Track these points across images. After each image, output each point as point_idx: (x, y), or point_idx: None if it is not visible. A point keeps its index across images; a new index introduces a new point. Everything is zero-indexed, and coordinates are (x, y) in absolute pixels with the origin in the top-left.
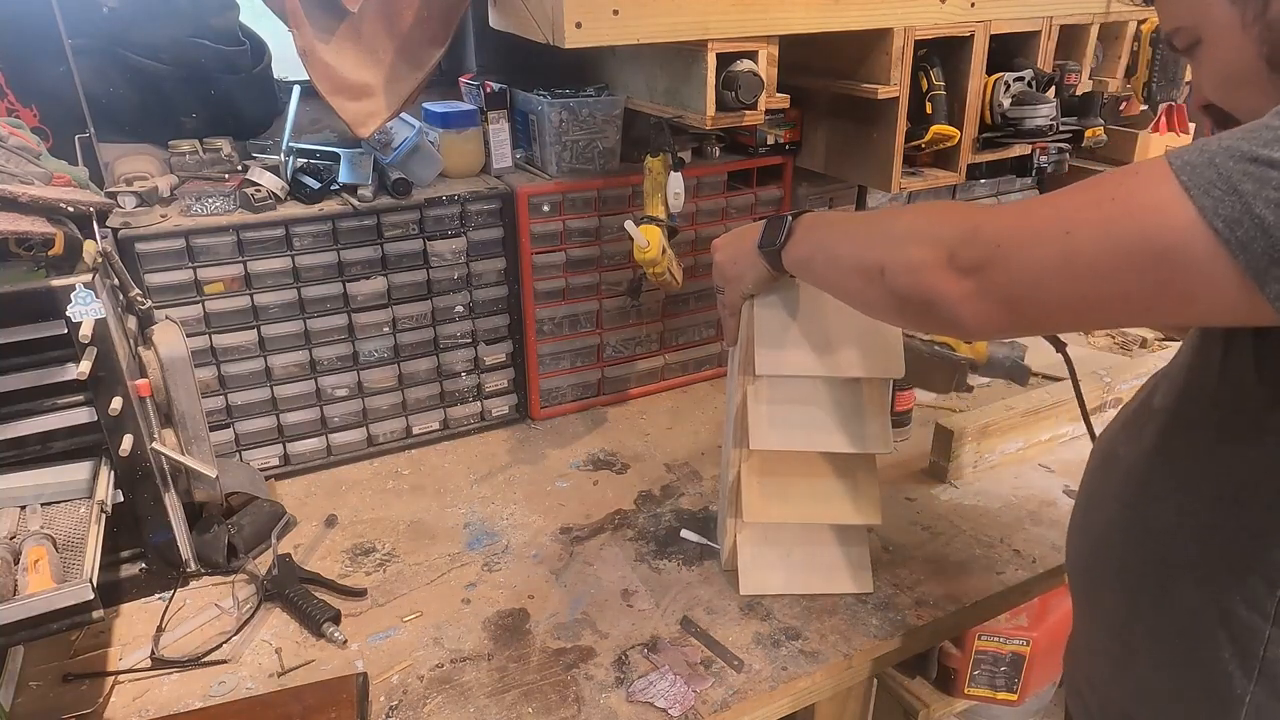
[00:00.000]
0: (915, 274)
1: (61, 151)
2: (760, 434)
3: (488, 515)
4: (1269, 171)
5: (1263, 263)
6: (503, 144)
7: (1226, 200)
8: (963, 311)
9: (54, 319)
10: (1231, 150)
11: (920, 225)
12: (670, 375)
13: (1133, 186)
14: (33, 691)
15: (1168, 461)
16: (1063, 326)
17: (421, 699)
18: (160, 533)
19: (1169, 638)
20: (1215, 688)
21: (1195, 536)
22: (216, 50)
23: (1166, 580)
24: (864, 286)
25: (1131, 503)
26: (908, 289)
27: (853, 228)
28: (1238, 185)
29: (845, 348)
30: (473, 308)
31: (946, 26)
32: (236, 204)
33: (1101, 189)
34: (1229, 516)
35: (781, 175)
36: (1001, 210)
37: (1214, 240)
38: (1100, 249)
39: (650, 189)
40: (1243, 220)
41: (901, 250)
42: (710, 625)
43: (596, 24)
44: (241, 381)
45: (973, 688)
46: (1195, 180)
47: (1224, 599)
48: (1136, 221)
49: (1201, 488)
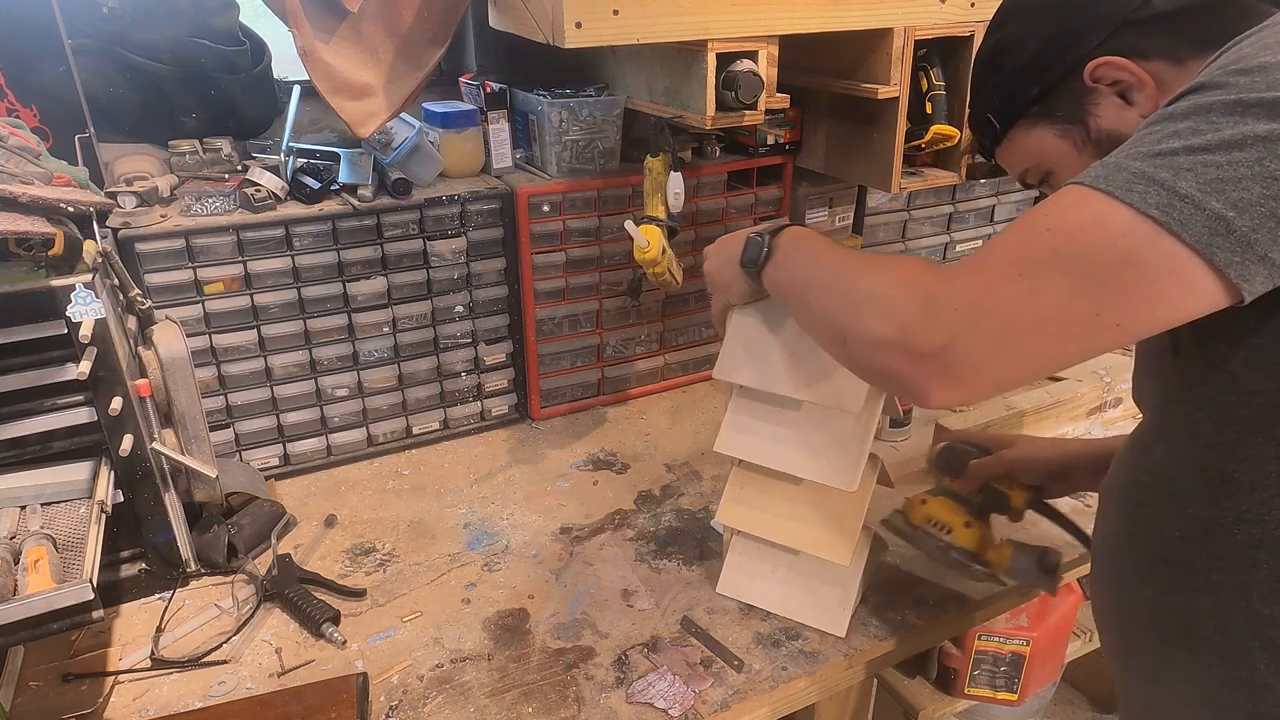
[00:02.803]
0: (874, 353)
1: (61, 151)
2: (725, 439)
3: (488, 515)
4: (1178, 159)
5: (1205, 234)
6: (503, 144)
7: (1152, 191)
8: (927, 390)
9: (54, 319)
10: (1133, 155)
11: (880, 291)
12: (670, 375)
13: (1061, 212)
14: (33, 691)
15: (1158, 475)
16: (1040, 371)
17: (421, 699)
18: (160, 533)
19: (1203, 669)
20: (1260, 707)
21: (1201, 543)
22: (216, 50)
23: (1189, 603)
24: (831, 347)
25: (1134, 532)
26: (869, 365)
27: (825, 273)
28: (1155, 176)
29: (809, 372)
30: (473, 308)
31: (946, 26)
32: (236, 204)
33: (1034, 225)
34: (1224, 510)
35: (781, 175)
36: (954, 270)
37: (1156, 229)
38: (1054, 279)
39: (650, 189)
40: (1173, 203)
41: (861, 321)
42: (710, 625)
43: (596, 24)
44: (241, 381)
45: (973, 688)
46: (1115, 185)
47: (1245, 601)
48: (1081, 238)
49: (1190, 486)
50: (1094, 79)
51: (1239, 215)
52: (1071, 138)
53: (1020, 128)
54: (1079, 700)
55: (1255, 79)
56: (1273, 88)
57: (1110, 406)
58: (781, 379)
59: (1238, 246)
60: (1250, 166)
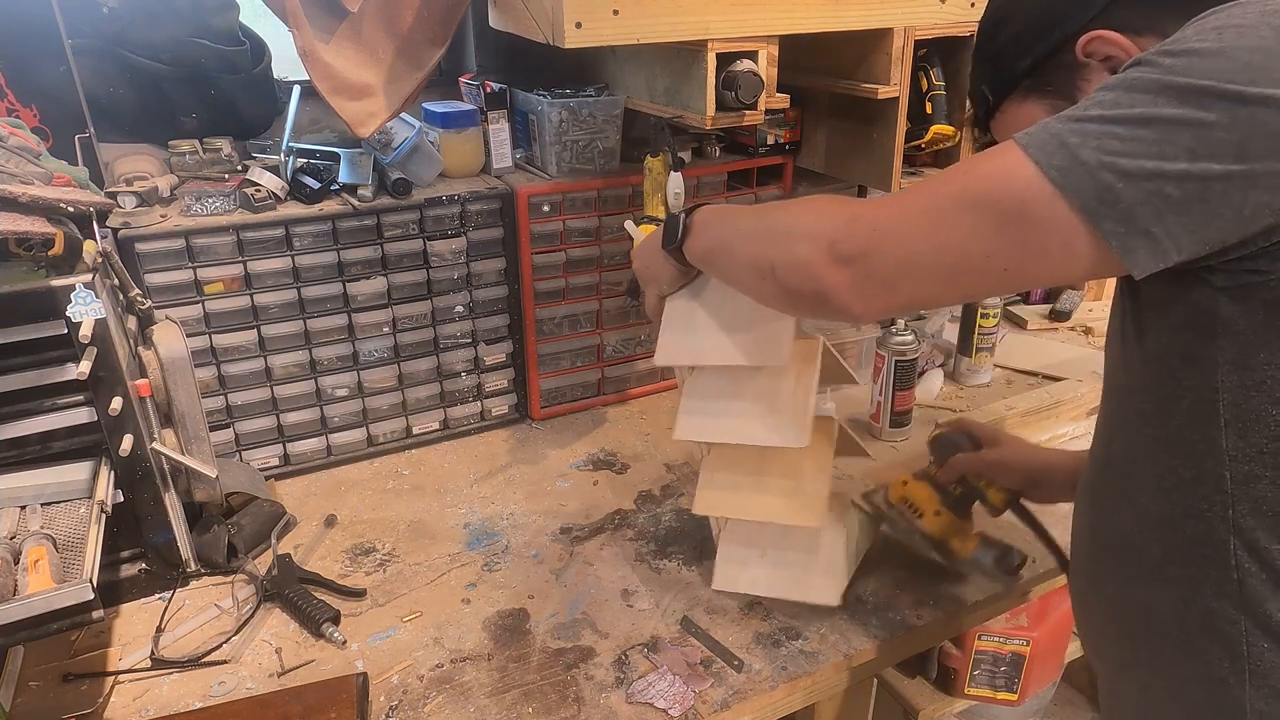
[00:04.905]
0: (802, 269)
1: (61, 151)
2: (682, 425)
3: (488, 515)
4: (1088, 125)
5: (1093, 202)
6: (503, 144)
7: (1059, 153)
8: (848, 298)
9: (54, 319)
10: (1062, 117)
11: (804, 221)
12: (670, 375)
13: (984, 159)
14: (33, 691)
15: (1115, 467)
16: (940, 299)
17: (421, 699)
18: (160, 533)
19: (1168, 665)
20: (1221, 703)
21: (1155, 535)
22: (216, 50)
23: (1148, 598)
24: (758, 283)
25: (1096, 525)
26: (797, 284)
27: (744, 224)
28: (1066, 140)
29: (738, 335)
30: (473, 308)
31: (946, 26)
32: (236, 204)
33: (959, 168)
34: (1173, 503)
35: (781, 175)
36: (879, 200)
37: (1051, 189)
38: (960, 215)
39: (650, 189)
40: (1071, 167)
41: (787, 247)
42: (710, 625)
43: (596, 24)
44: (241, 381)
45: (973, 688)
46: (1032, 143)
47: (1199, 598)
48: (987, 184)
49: (1143, 478)
50: (1085, 54)
51: (1126, 187)
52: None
53: (1013, 100)
54: (1079, 700)
55: (1180, 61)
56: (1191, 73)
57: None
58: (714, 350)
59: (1121, 218)
60: (1148, 145)
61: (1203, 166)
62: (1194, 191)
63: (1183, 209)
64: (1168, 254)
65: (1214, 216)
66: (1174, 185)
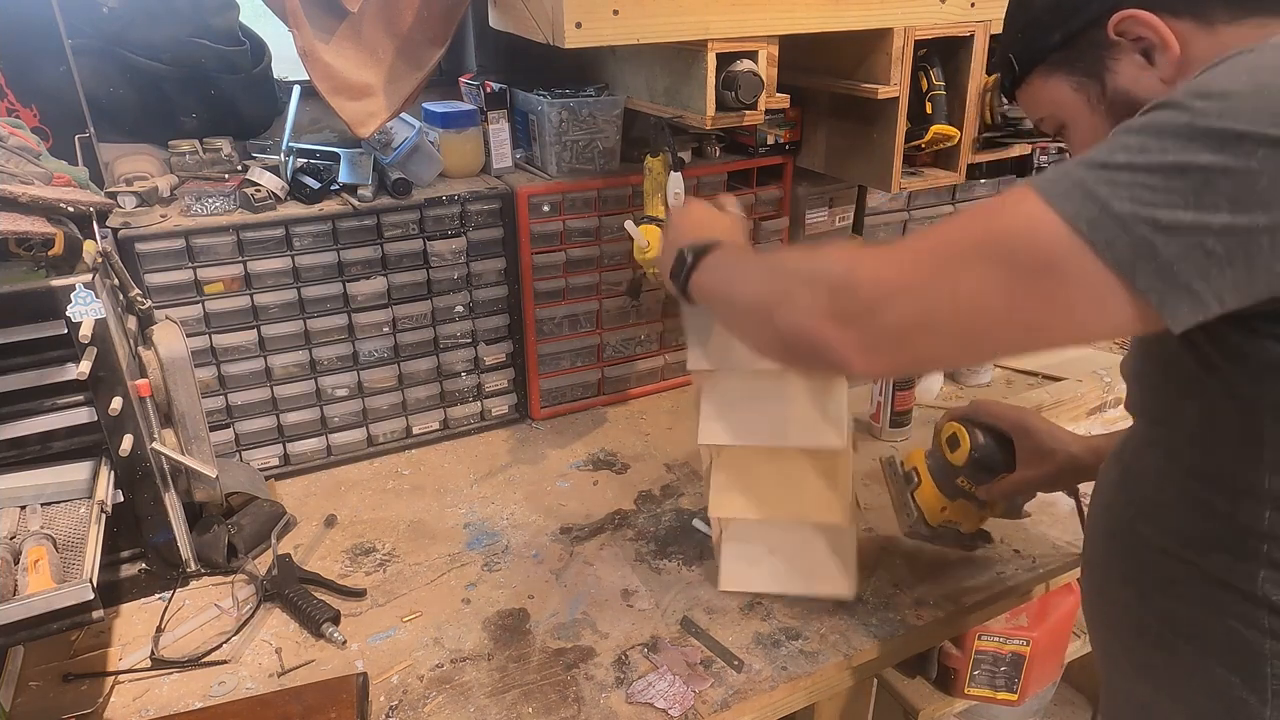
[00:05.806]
0: (799, 319)
1: (61, 151)
2: (707, 430)
3: (488, 515)
4: (1118, 174)
5: (1127, 256)
6: (503, 144)
7: (1086, 205)
8: (848, 358)
9: (54, 319)
10: (1082, 162)
11: (805, 267)
12: (670, 375)
13: (1001, 208)
14: (33, 691)
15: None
16: (953, 359)
17: (421, 699)
18: (160, 533)
19: (1181, 675)
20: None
21: (1181, 556)
22: (216, 50)
23: (1168, 608)
24: (755, 328)
25: (1117, 532)
26: (793, 334)
27: (748, 269)
28: (1093, 190)
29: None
30: (473, 308)
31: (946, 26)
32: (236, 204)
33: (972, 217)
34: (1204, 533)
35: (781, 175)
36: (881, 250)
37: (1081, 244)
38: (979, 269)
39: (650, 189)
40: (1103, 220)
41: (786, 293)
42: (710, 625)
43: (596, 24)
44: (241, 381)
45: (973, 688)
46: (1055, 192)
47: (1224, 616)
48: (1009, 237)
49: (1175, 501)
50: (1118, 32)
51: (1165, 241)
52: (1086, 93)
53: (1039, 73)
54: (1079, 700)
55: (1212, 105)
56: (1226, 117)
57: (1110, 406)
58: (748, 355)
59: (1160, 274)
60: (1186, 195)
61: (1248, 219)
62: (1239, 244)
63: (1227, 263)
64: (1209, 308)
65: (1262, 270)
66: (1216, 239)
